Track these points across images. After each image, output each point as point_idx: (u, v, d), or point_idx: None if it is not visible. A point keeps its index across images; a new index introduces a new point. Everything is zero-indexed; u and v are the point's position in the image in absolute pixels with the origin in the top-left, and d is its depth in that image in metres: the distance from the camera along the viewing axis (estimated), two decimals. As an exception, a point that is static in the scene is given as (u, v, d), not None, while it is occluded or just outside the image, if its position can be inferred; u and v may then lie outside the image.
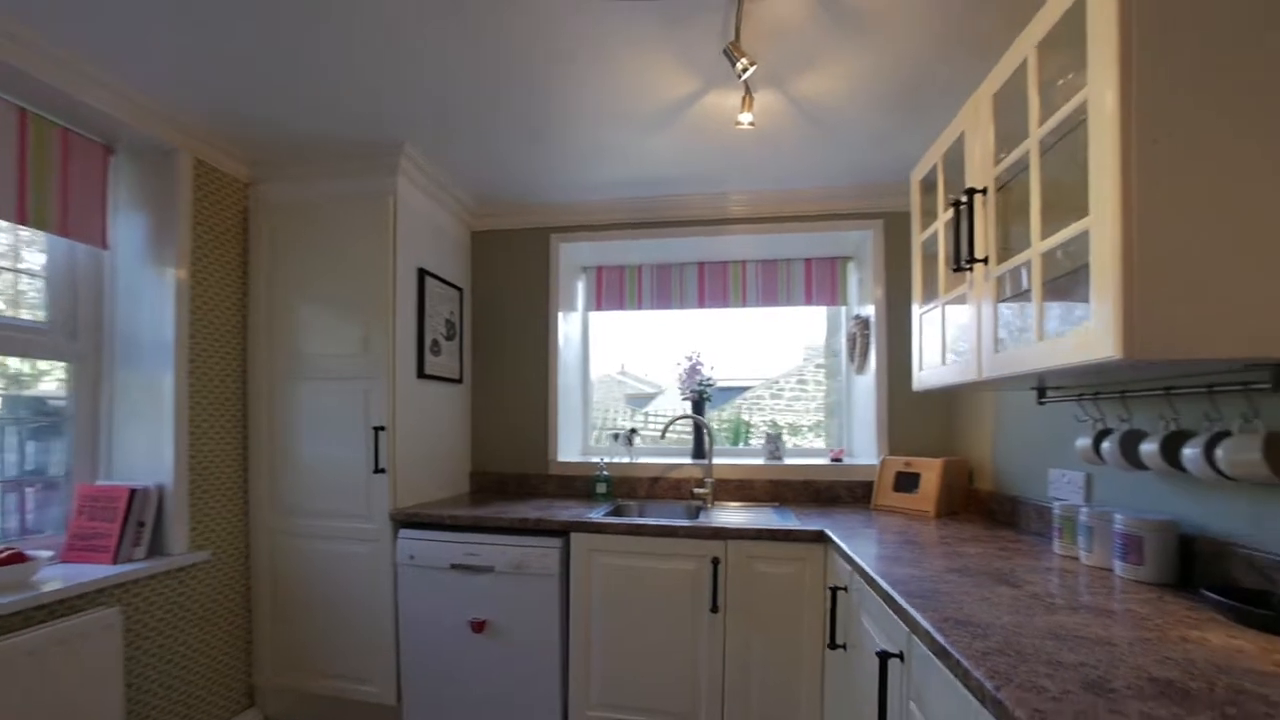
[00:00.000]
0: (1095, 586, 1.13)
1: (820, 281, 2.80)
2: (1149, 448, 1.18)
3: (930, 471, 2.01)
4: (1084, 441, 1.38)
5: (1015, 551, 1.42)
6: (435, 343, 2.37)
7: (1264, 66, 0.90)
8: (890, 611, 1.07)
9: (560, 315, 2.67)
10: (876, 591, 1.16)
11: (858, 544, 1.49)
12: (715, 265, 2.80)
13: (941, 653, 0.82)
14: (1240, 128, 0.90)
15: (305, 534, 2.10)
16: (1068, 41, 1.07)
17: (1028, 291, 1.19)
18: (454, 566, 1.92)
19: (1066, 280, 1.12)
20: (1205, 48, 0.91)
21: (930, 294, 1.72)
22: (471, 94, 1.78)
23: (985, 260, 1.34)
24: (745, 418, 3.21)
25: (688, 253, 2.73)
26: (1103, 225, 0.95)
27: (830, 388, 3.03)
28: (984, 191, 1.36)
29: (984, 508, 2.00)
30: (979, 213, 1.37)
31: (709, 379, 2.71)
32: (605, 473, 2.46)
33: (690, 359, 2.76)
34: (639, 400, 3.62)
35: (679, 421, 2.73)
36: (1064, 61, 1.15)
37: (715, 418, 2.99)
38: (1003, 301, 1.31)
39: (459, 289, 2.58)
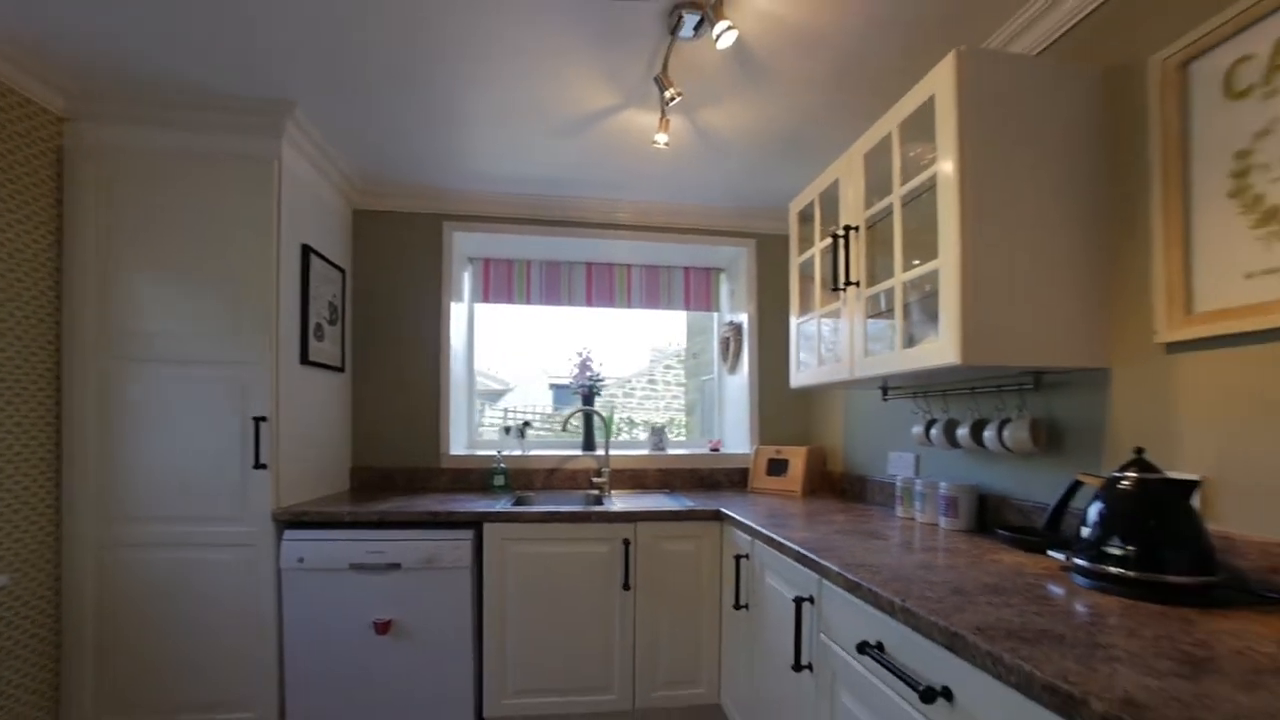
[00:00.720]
0: (931, 536, 1.50)
1: (697, 289, 3.10)
2: (963, 431, 1.60)
3: (797, 458, 2.40)
4: (917, 429, 1.80)
5: (871, 517, 1.80)
6: (319, 327, 2.19)
7: (1043, 152, 1.31)
8: (800, 565, 1.32)
9: (450, 305, 2.62)
10: (785, 552, 1.41)
11: (753, 518, 1.75)
12: (602, 267, 2.95)
13: (853, 587, 1.07)
14: (1028, 195, 1.30)
15: (149, 544, 1.81)
16: (922, 125, 1.42)
17: (891, 310, 1.53)
18: (354, 566, 1.82)
19: (920, 303, 1.48)
20: (1008, 144, 1.30)
21: (807, 308, 2.07)
22: (364, 58, 1.66)
23: (858, 283, 1.69)
24: (605, 414, 3.44)
25: (577, 252, 2.83)
26: (949, 266, 1.29)
27: (690, 386, 3.36)
28: (856, 229, 1.70)
29: (837, 486, 2.43)
30: (853, 245, 1.71)
31: (599, 375, 2.85)
32: (503, 465, 2.47)
33: (581, 355, 2.89)
34: (488, 396, 3.62)
35: (551, 414, 2.84)
36: (919, 136, 1.52)
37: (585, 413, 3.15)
38: (871, 317, 1.66)
39: (341, 270, 2.40)
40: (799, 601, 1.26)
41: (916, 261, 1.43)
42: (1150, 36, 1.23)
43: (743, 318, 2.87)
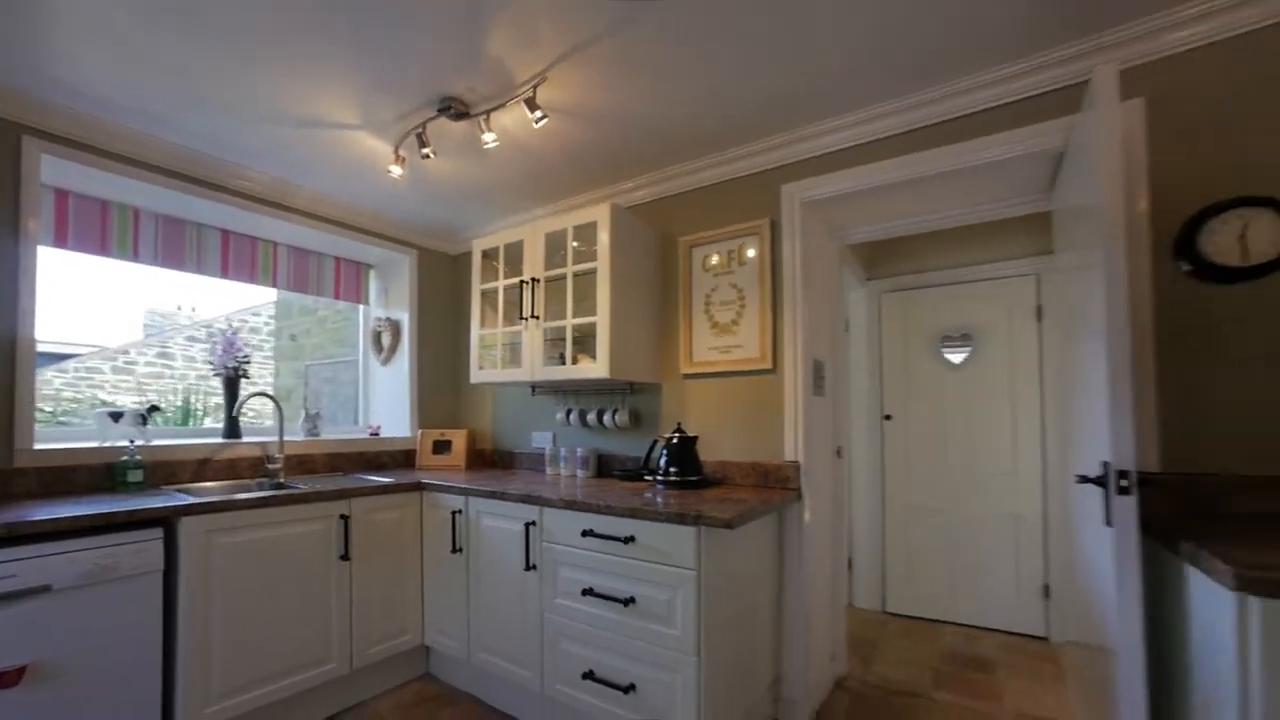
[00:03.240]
0: (577, 481, 2.44)
1: (348, 281, 3.25)
2: (591, 416, 2.63)
3: (459, 438, 3.00)
4: (560, 415, 2.74)
5: (533, 477, 2.61)
6: None
7: (641, 266, 2.46)
8: (522, 504, 2.02)
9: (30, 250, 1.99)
10: (506, 499, 2.06)
11: (457, 484, 2.30)
12: (242, 238, 2.76)
13: (571, 505, 1.87)
14: (637, 287, 2.41)
15: None
16: (586, 235, 2.36)
17: (563, 339, 2.42)
18: (-34, 606, 1.39)
19: (583, 338, 2.42)
20: (628, 257, 2.38)
21: (490, 324, 2.73)
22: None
23: (538, 317, 2.49)
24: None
25: (211, 215, 2.55)
26: (603, 319, 2.26)
27: (285, 370, 3.52)
28: (538, 281, 2.51)
29: (489, 460, 3.14)
30: (536, 291, 2.50)
31: (246, 354, 2.65)
32: (138, 457, 2.10)
33: (225, 332, 2.63)
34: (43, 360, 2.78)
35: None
36: (584, 237, 2.45)
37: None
38: (548, 340, 2.49)
39: None
40: (527, 525, 1.98)
41: (583, 310, 2.36)
42: (680, 227, 2.51)
43: (403, 316, 3.22)
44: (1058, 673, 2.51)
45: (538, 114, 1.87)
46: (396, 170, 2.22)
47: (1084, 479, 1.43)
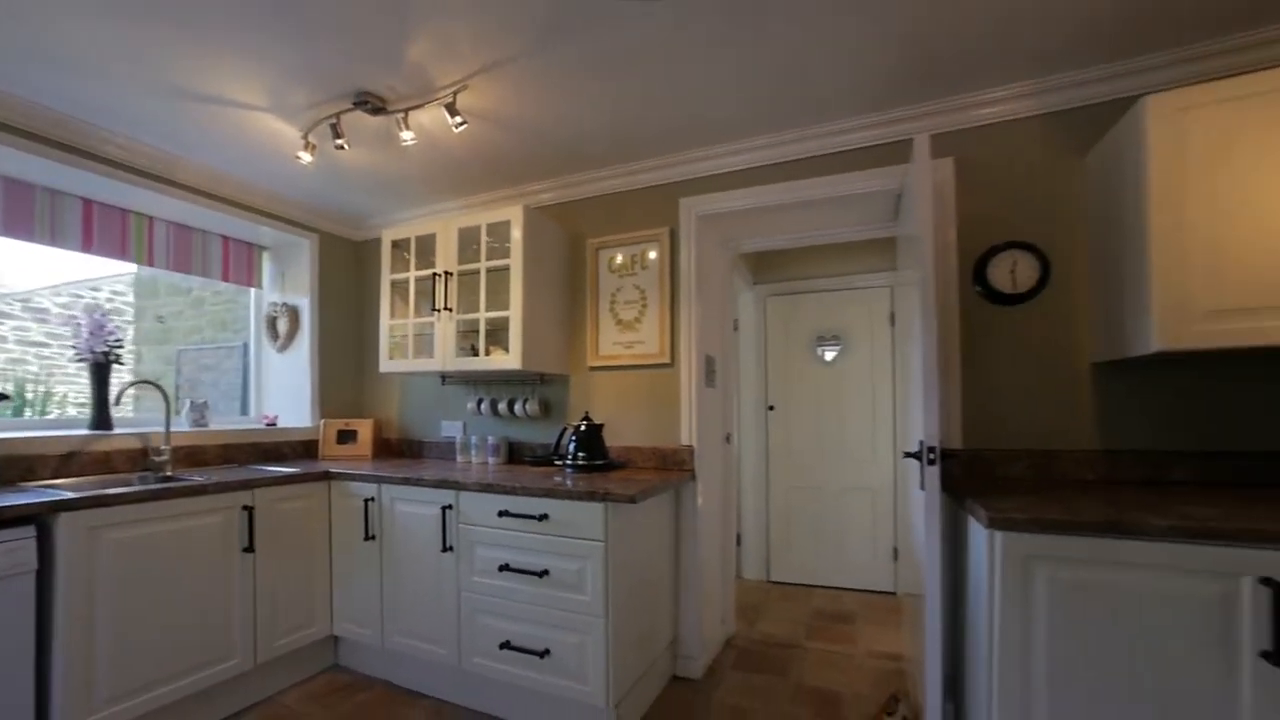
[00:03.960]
0: (489, 468, 2.56)
1: (238, 262, 3.09)
2: (503, 406, 2.75)
3: (365, 428, 2.98)
4: (471, 404, 2.83)
5: (444, 465, 2.69)
6: None
7: (551, 264, 2.62)
8: (438, 489, 2.11)
9: None
10: (422, 485, 2.14)
11: (369, 473, 2.34)
12: (111, 210, 2.54)
13: (487, 488, 2.01)
14: (548, 285, 2.58)
15: None
16: (499, 232, 2.48)
17: (477, 331, 2.52)
18: None
19: (495, 331, 2.54)
20: (540, 255, 2.54)
21: (400, 314, 2.75)
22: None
23: (450, 309, 2.57)
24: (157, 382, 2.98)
25: (71, 182, 2.32)
26: (515, 315, 2.40)
27: (150, 355, 3.37)
28: (451, 274, 2.58)
29: (396, 449, 3.14)
30: (449, 284, 2.58)
31: (118, 338, 2.46)
32: None
33: (94, 314, 2.43)
34: None
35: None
36: (500, 231, 2.56)
37: None
38: (460, 332, 2.58)
39: None
40: (444, 509, 2.09)
41: (496, 303, 2.49)
42: (588, 229, 2.70)
43: (302, 302, 3.12)
44: (900, 619, 3.03)
45: (457, 119, 1.97)
46: (307, 157, 2.20)
47: (908, 454, 1.82)
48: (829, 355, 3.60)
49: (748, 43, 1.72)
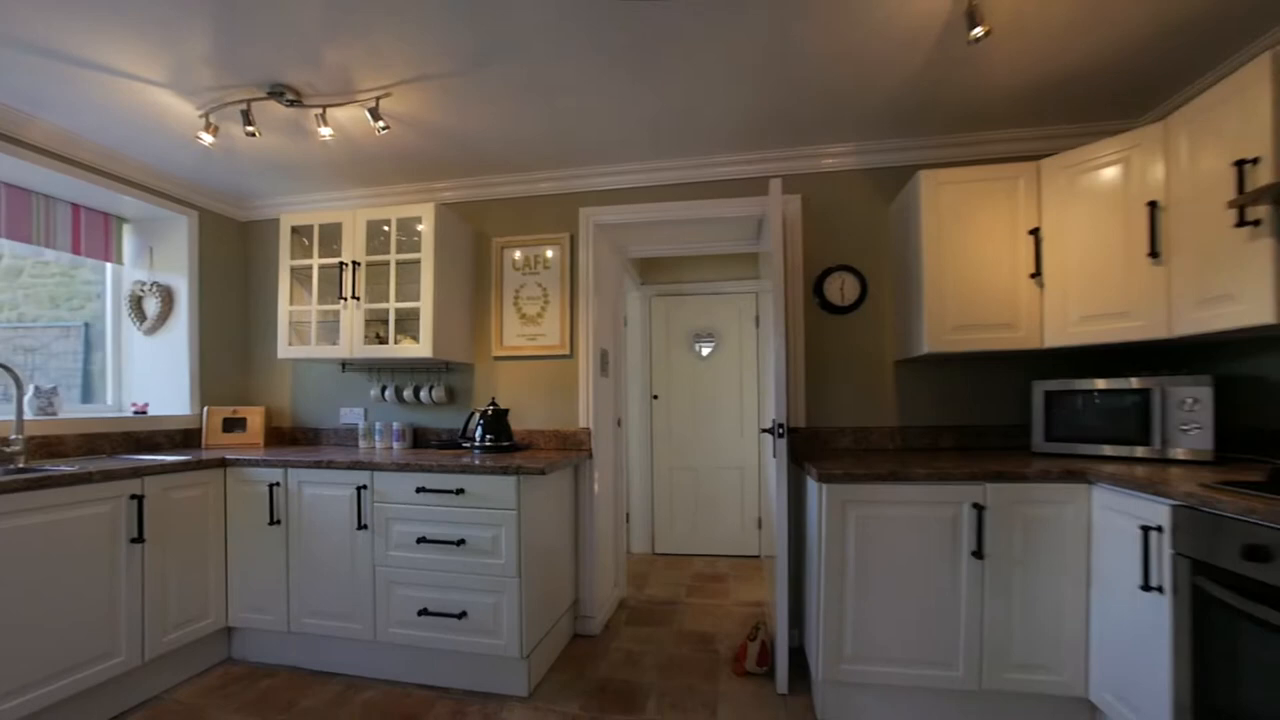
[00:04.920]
0: (393, 452, 2.67)
1: (92, 233, 2.84)
2: (408, 393, 2.86)
3: (255, 415, 2.90)
4: (374, 392, 2.90)
5: (345, 451, 2.73)
6: None
7: (460, 260, 2.80)
8: (352, 470, 2.21)
9: None
10: (334, 467, 2.23)
11: (273, 458, 2.35)
12: None
13: (404, 468, 2.16)
14: (456, 278, 2.75)
15: None
16: (408, 227, 2.62)
17: (385, 321, 2.63)
18: None
19: (403, 320, 2.66)
20: (450, 251, 2.71)
21: (300, 300, 2.75)
22: None
23: (358, 298, 2.64)
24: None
25: None
26: (426, 305, 2.56)
27: None
28: (359, 264, 2.65)
29: (288, 438, 3.08)
30: (358, 273, 2.65)
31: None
32: None
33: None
34: None
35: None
36: (409, 225, 2.68)
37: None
38: (367, 320, 2.66)
39: None
40: (359, 489, 2.20)
41: (407, 293, 2.61)
42: (493, 228, 2.91)
43: (178, 282, 2.94)
44: (763, 577, 3.62)
45: (380, 124, 2.10)
46: (208, 138, 2.18)
47: (764, 430, 2.31)
48: (705, 350, 4.11)
49: (652, 92, 2.07)
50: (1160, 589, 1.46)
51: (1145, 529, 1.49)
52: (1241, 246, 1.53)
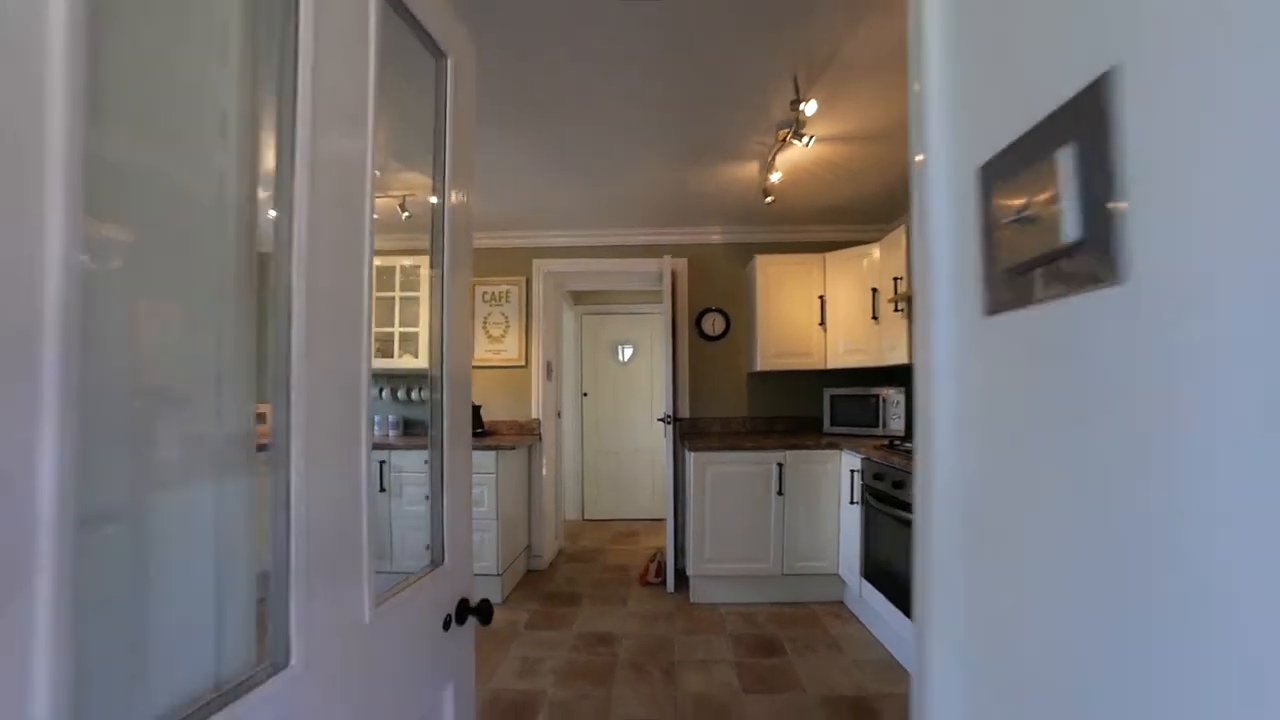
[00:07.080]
0: (390, 437, 3.60)
1: None
2: (401, 393, 3.78)
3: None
4: (374, 392, 3.79)
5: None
6: None
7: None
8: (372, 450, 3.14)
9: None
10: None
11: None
12: None
13: (411, 446, 3.13)
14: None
15: None
16: (414, 268, 3.56)
17: (392, 339, 3.56)
18: None
19: (405, 339, 3.60)
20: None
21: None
22: None
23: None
24: None
25: None
26: (426, 329, 3.52)
27: None
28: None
29: None
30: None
31: None
32: None
33: None
34: None
35: None
36: (410, 270, 3.60)
37: None
38: (376, 338, 3.57)
39: None
40: (380, 464, 3.14)
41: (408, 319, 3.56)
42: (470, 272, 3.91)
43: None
44: (664, 531, 4.83)
45: (406, 213, 3.04)
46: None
47: (660, 419, 3.48)
48: (624, 357, 5.25)
49: (594, 186, 3.16)
50: (855, 503, 2.77)
51: (853, 471, 2.80)
52: (898, 320, 2.87)
